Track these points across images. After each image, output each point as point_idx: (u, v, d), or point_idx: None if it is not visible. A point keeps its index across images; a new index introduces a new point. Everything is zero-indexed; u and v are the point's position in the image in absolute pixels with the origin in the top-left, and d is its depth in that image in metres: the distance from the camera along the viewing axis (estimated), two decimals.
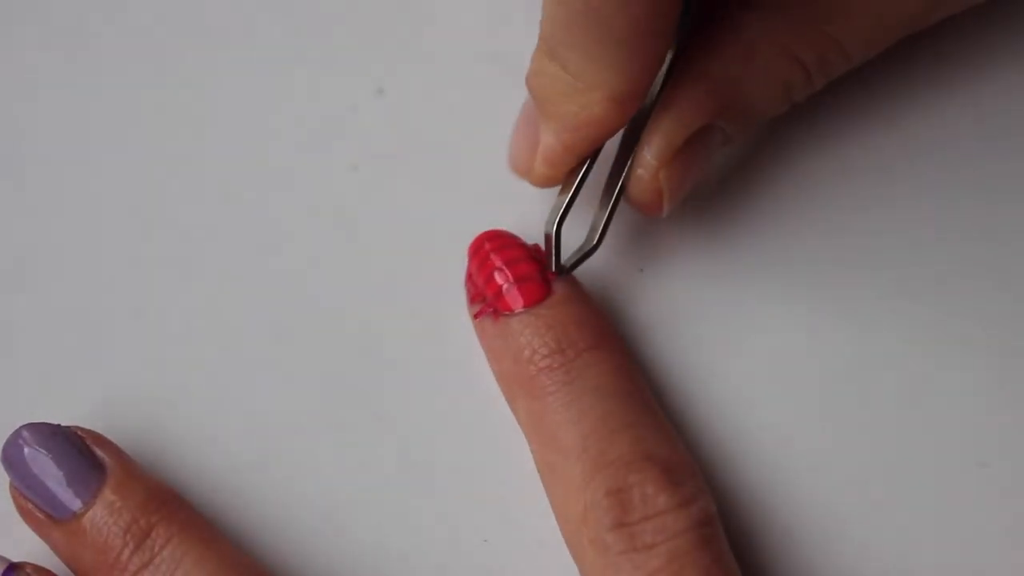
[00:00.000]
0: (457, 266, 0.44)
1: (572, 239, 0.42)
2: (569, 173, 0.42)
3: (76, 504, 0.40)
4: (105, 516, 0.40)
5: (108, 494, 0.40)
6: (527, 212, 0.44)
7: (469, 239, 0.43)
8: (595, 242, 0.42)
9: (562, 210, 0.42)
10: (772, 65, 0.42)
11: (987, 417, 0.43)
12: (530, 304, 0.42)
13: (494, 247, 0.42)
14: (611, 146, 0.42)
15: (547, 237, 0.42)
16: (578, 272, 0.43)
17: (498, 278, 0.42)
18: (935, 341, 0.44)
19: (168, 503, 0.41)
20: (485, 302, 0.42)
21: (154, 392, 0.44)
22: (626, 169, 0.42)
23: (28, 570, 0.40)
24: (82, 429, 0.41)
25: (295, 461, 0.43)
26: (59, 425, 0.41)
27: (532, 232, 0.43)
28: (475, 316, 0.43)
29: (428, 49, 0.47)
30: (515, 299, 0.42)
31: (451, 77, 0.46)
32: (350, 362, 0.44)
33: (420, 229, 0.45)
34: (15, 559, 0.41)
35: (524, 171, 0.42)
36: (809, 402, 0.43)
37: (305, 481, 0.43)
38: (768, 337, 0.44)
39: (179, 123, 0.46)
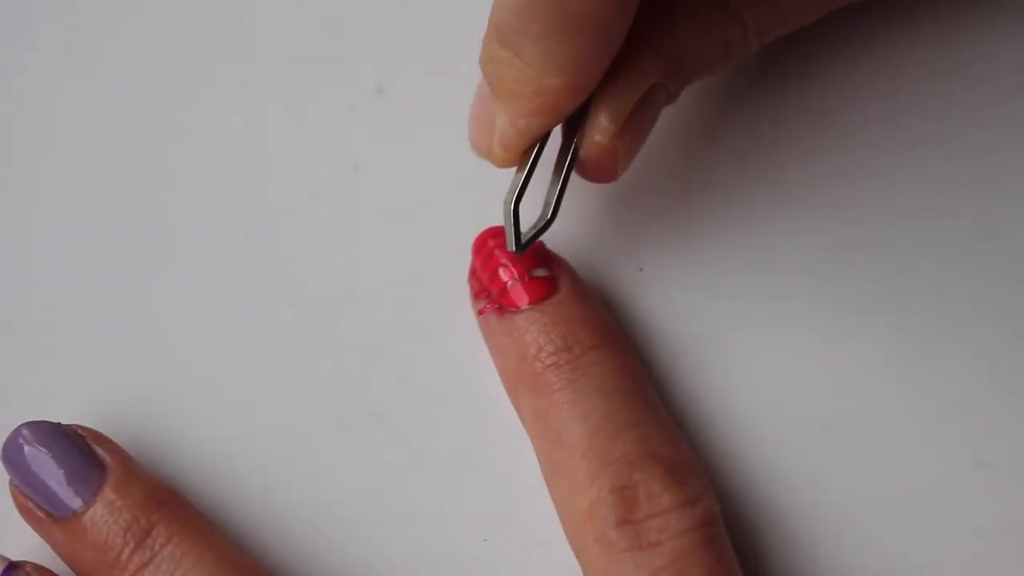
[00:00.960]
0: (458, 266, 0.44)
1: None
2: (526, 152, 0.41)
3: (76, 503, 0.40)
4: (105, 515, 0.40)
5: (108, 493, 0.40)
6: (528, 209, 0.44)
7: (470, 239, 0.43)
8: (549, 216, 0.41)
9: (519, 188, 0.41)
10: (715, 23, 0.41)
11: (987, 417, 0.43)
12: (535, 301, 0.42)
13: (498, 243, 0.42)
14: None
15: (505, 216, 0.41)
16: (578, 271, 0.43)
17: (503, 275, 0.42)
18: (936, 340, 0.44)
19: (168, 502, 0.41)
20: (489, 298, 0.42)
21: (154, 392, 0.44)
22: (576, 139, 0.41)
23: (28, 569, 0.40)
24: (82, 427, 0.41)
25: (295, 461, 0.43)
26: (59, 423, 0.41)
27: None
28: (479, 312, 0.43)
29: (428, 49, 0.47)
30: (520, 296, 0.42)
31: (451, 77, 0.46)
32: (350, 362, 0.44)
33: (420, 229, 0.45)
34: (15, 558, 0.41)
35: (484, 152, 0.42)
36: (809, 402, 0.43)
37: (305, 481, 0.43)
38: (768, 337, 0.44)
39: (179, 123, 0.46)
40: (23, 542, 0.41)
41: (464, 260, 0.43)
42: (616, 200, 0.45)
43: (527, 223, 0.41)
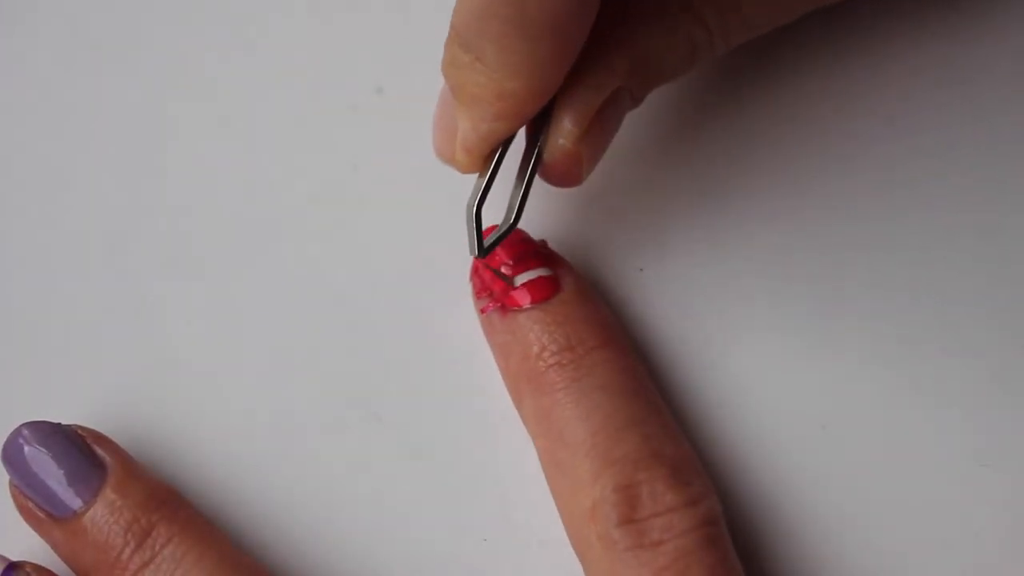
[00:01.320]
0: (458, 265, 0.44)
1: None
2: (489, 156, 0.41)
3: (77, 503, 0.40)
4: (106, 515, 0.40)
5: (109, 493, 0.40)
6: (528, 209, 0.44)
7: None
8: (512, 220, 0.41)
9: (480, 192, 0.41)
10: (679, 24, 0.41)
11: (987, 417, 0.43)
12: (538, 300, 0.42)
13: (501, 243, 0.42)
14: None
15: (467, 219, 0.41)
16: (578, 272, 0.43)
17: (506, 273, 0.42)
18: (936, 340, 0.44)
19: (168, 502, 0.41)
20: (492, 297, 0.42)
21: (154, 392, 0.44)
22: (540, 142, 0.40)
23: (28, 569, 0.40)
24: (82, 428, 0.41)
25: (295, 461, 0.43)
26: (59, 424, 0.41)
27: (535, 229, 0.43)
28: (482, 311, 0.43)
29: (428, 49, 0.47)
30: (523, 295, 0.42)
31: None
32: (350, 362, 0.44)
33: (420, 228, 0.45)
34: (15, 558, 0.41)
35: (447, 158, 0.42)
36: (810, 402, 0.43)
37: (305, 481, 0.43)
38: (768, 337, 0.44)
39: (179, 123, 0.46)
40: (23, 542, 0.41)
41: (464, 259, 0.43)
42: (616, 200, 0.45)
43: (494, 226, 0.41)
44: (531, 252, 0.42)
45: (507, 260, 0.42)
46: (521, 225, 0.43)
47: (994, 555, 0.42)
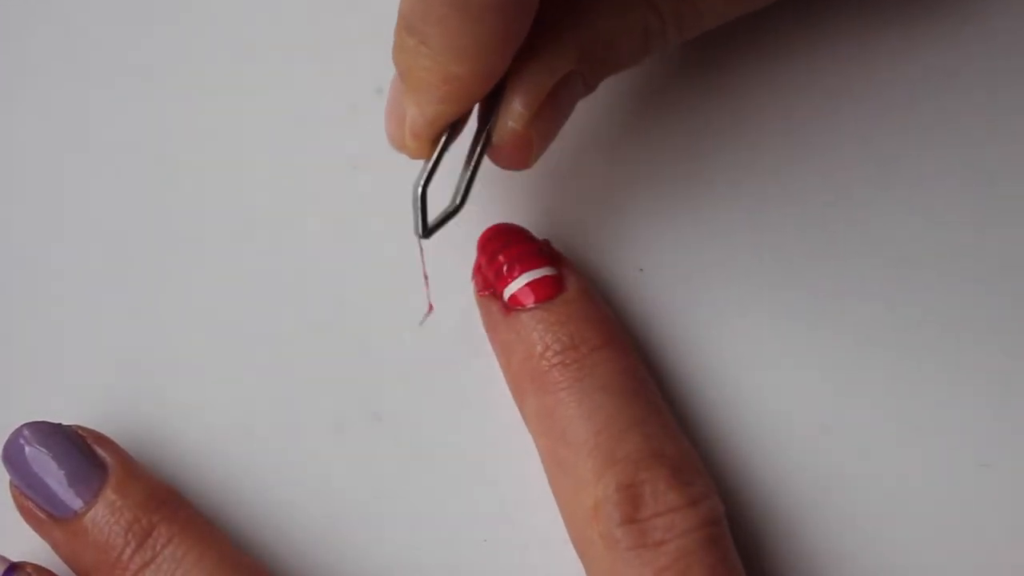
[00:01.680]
0: (458, 265, 0.44)
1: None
2: (437, 140, 0.40)
3: (77, 503, 0.40)
4: (106, 515, 0.40)
5: (109, 493, 0.40)
6: (528, 209, 0.44)
7: (470, 238, 0.43)
8: (458, 203, 0.40)
9: (427, 173, 0.40)
10: (632, 9, 0.41)
11: (988, 417, 0.43)
12: (542, 300, 0.42)
13: (505, 241, 0.42)
14: None
15: (413, 200, 0.40)
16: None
17: (508, 272, 0.42)
18: (937, 340, 0.44)
19: (169, 502, 0.41)
20: (495, 296, 0.42)
21: (154, 392, 0.44)
22: (488, 126, 0.40)
23: (28, 570, 0.40)
24: (83, 428, 0.41)
25: (295, 461, 0.43)
26: (60, 424, 0.41)
27: (536, 229, 0.43)
28: (486, 309, 0.43)
29: None
30: (526, 294, 0.42)
31: None
32: (350, 362, 0.44)
33: None
34: (15, 559, 0.40)
35: (399, 145, 0.41)
36: (810, 402, 0.43)
37: (305, 481, 0.43)
38: (769, 337, 0.44)
39: (178, 123, 0.46)
40: (23, 543, 0.41)
41: (464, 260, 0.43)
42: (616, 200, 0.45)
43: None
44: (535, 251, 0.42)
45: (511, 259, 0.42)
46: (523, 225, 0.43)
47: (994, 555, 0.42)
